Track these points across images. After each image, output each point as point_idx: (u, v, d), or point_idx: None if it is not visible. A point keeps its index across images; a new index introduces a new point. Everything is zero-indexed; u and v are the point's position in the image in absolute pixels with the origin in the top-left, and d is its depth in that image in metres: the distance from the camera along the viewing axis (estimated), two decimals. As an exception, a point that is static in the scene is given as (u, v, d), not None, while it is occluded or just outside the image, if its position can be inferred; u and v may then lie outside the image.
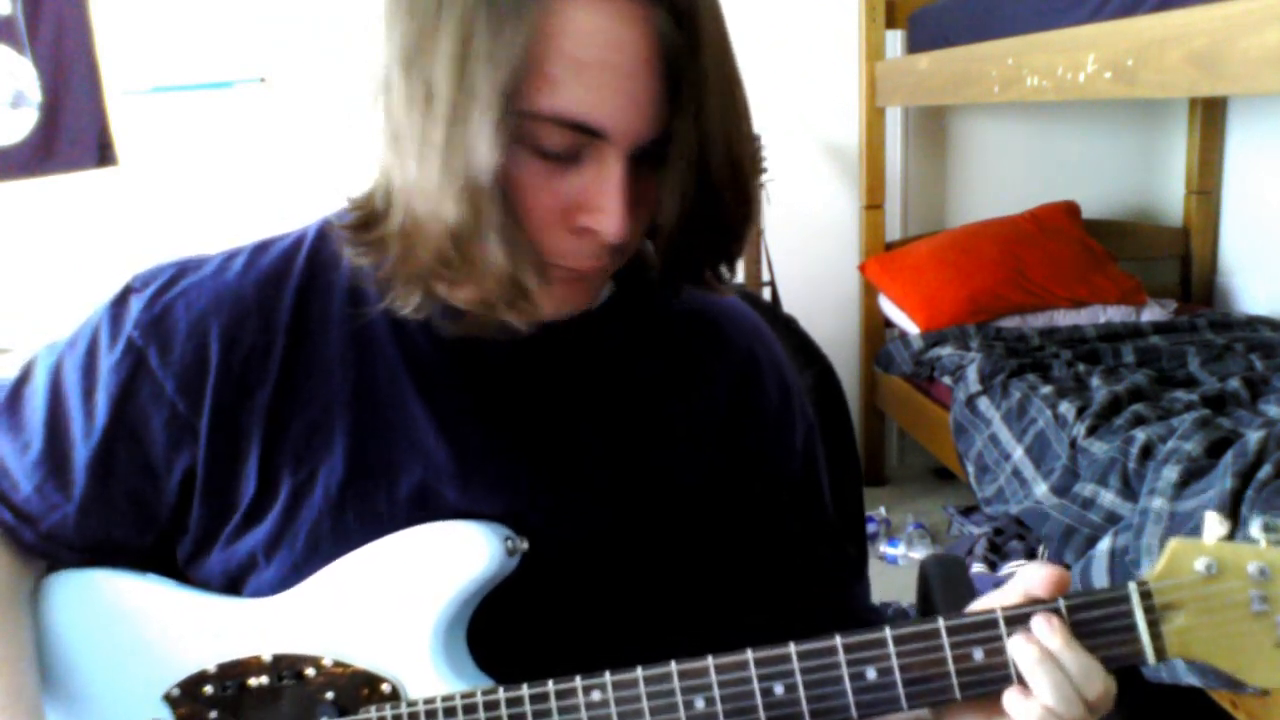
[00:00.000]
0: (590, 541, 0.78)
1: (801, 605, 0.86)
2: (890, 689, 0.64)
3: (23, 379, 0.81)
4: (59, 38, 2.89)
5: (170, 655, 0.76)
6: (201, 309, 0.76)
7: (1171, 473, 1.83)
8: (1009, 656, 0.63)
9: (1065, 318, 3.05)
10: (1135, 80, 1.84)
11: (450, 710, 0.70)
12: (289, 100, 3.03)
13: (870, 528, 3.01)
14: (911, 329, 3.09)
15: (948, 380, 2.75)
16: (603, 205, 0.66)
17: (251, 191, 2.98)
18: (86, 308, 0.84)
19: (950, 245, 3.17)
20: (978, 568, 2.44)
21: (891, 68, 3.18)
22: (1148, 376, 2.41)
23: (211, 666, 0.75)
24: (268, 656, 0.74)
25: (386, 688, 0.73)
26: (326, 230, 0.79)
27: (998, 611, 0.64)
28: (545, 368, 0.79)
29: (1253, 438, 1.78)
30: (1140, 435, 1.99)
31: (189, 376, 0.75)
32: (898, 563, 2.88)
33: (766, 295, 3.07)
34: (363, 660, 0.73)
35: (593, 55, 0.62)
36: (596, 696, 0.67)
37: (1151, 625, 0.61)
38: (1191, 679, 1.61)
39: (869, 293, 3.37)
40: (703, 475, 0.82)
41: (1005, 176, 3.44)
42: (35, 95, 2.90)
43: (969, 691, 0.64)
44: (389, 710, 0.72)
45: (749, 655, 0.66)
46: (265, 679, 0.74)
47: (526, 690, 0.69)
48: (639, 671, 0.67)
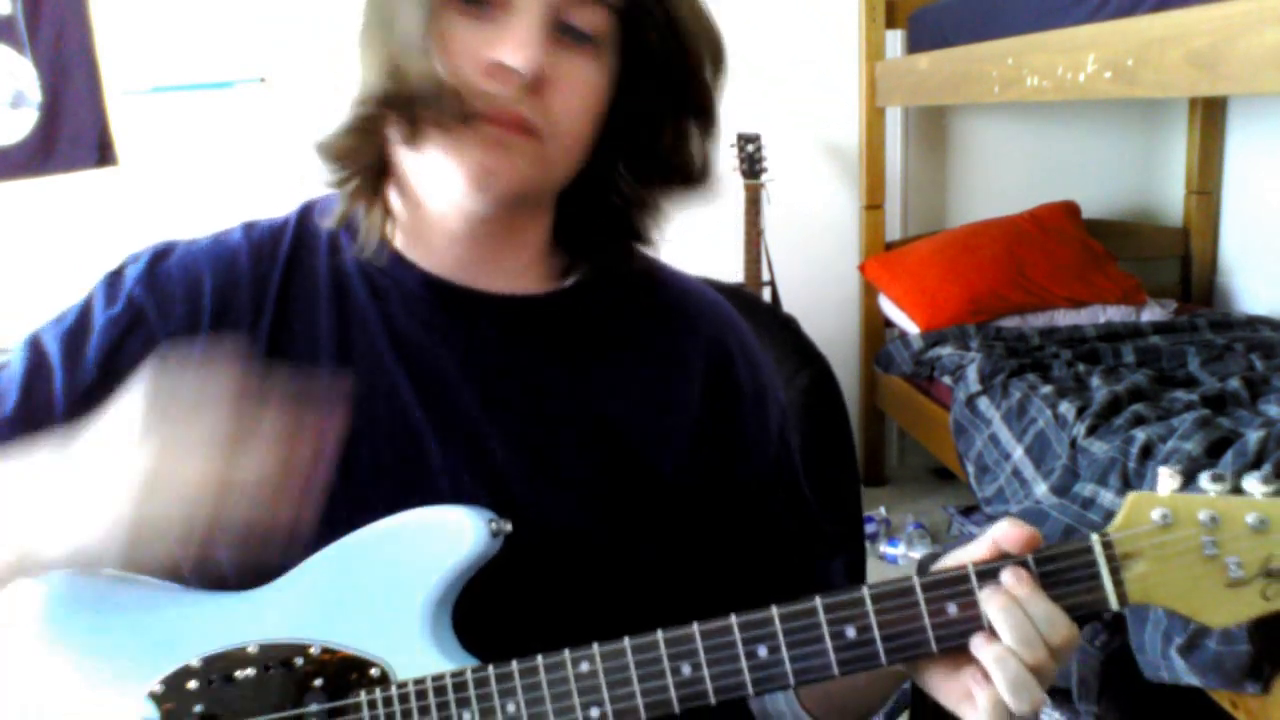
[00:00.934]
0: (567, 522, 0.79)
1: (779, 585, 0.86)
2: (870, 645, 0.66)
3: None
4: (59, 38, 2.89)
5: (152, 651, 0.76)
6: (198, 272, 0.81)
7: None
8: (980, 610, 0.66)
9: (1065, 318, 3.05)
10: (1135, 80, 1.84)
11: (440, 689, 0.71)
12: (289, 100, 3.03)
13: (870, 528, 3.01)
14: (911, 329, 3.10)
15: (948, 380, 2.75)
16: (509, 35, 0.70)
17: (251, 191, 2.98)
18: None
19: (950, 245, 3.17)
20: (978, 568, 2.43)
21: (891, 68, 3.18)
22: (1148, 376, 2.41)
23: (196, 661, 0.75)
24: (253, 647, 0.74)
25: (375, 672, 0.73)
26: (309, 208, 0.85)
27: (970, 566, 0.67)
28: (521, 350, 0.81)
29: (1253, 438, 1.79)
30: (1140, 435, 1.99)
31: (184, 333, 0.78)
32: (898, 563, 2.88)
33: (766, 295, 3.07)
34: (350, 646, 0.74)
35: None
36: (585, 668, 0.69)
37: (1114, 573, 0.65)
38: (1191, 679, 1.61)
39: (869, 293, 3.37)
40: (680, 459, 0.83)
41: (1005, 176, 3.44)
42: (35, 95, 2.90)
43: (944, 644, 0.66)
44: (379, 693, 0.72)
45: (733, 620, 0.68)
46: (252, 670, 0.74)
47: (515, 665, 0.70)
48: (626, 641, 0.69)
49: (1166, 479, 0.66)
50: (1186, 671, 1.60)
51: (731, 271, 2.95)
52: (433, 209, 0.78)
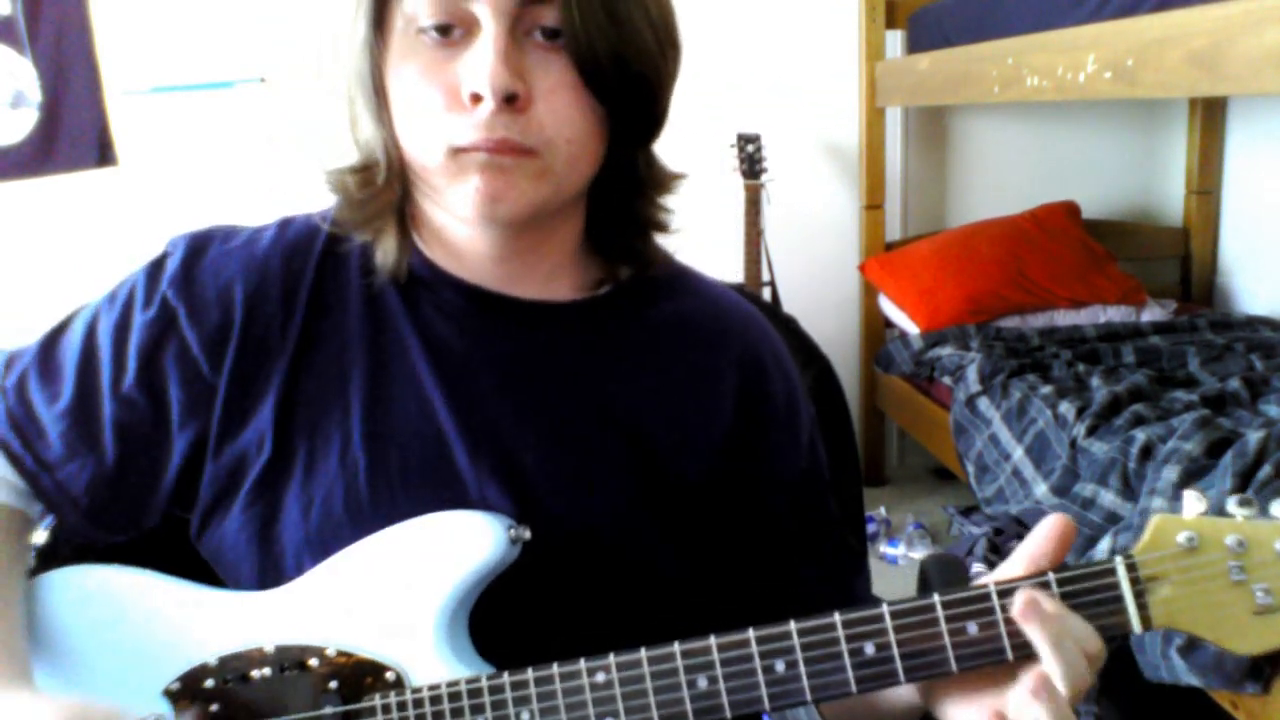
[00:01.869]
0: (593, 530, 0.79)
1: (803, 598, 0.86)
2: (889, 663, 0.65)
3: (59, 330, 0.84)
4: (59, 38, 2.89)
5: (169, 650, 0.76)
6: (229, 276, 0.81)
7: (1171, 473, 1.83)
8: (1001, 631, 0.64)
9: (1065, 318, 3.05)
10: (1135, 80, 1.84)
11: (455, 695, 0.71)
12: (289, 100, 3.03)
13: (870, 528, 3.01)
14: (911, 329, 3.09)
15: (948, 380, 2.75)
16: (477, 63, 0.69)
17: (251, 191, 2.98)
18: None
19: (950, 245, 3.17)
20: (978, 568, 2.43)
21: (891, 68, 3.18)
22: (1148, 376, 2.41)
23: (212, 660, 0.75)
24: (270, 648, 0.75)
25: (390, 676, 0.73)
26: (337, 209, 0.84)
27: (991, 586, 0.65)
28: (553, 356, 0.81)
29: (1253, 438, 1.79)
30: (1140, 435, 1.99)
31: (214, 337, 0.79)
32: (898, 563, 2.88)
33: (766, 295, 3.07)
34: (366, 649, 0.74)
35: None
36: (601, 678, 0.68)
37: (1138, 596, 0.64)
38: (1191, 679, 1.61)
39: (869, 293, 3.37)
40: (709, 469, 0.82)
41: (1005, 176, 3.44)
42: (35, 95, 2.90)
43: (965, 664, 0.65)
44: (394, 697, 0.72)
45: (750, 634, 0.67)
46: (267, 670, 0.74)
47: (531, 674, 0.69)
48: (642, 652, 0.68)
49: (1193, 501, 0.64)
50: (1186, 671, 1.60)
51: (731, 271, 2.95)
52: (457, 229, 0.79)
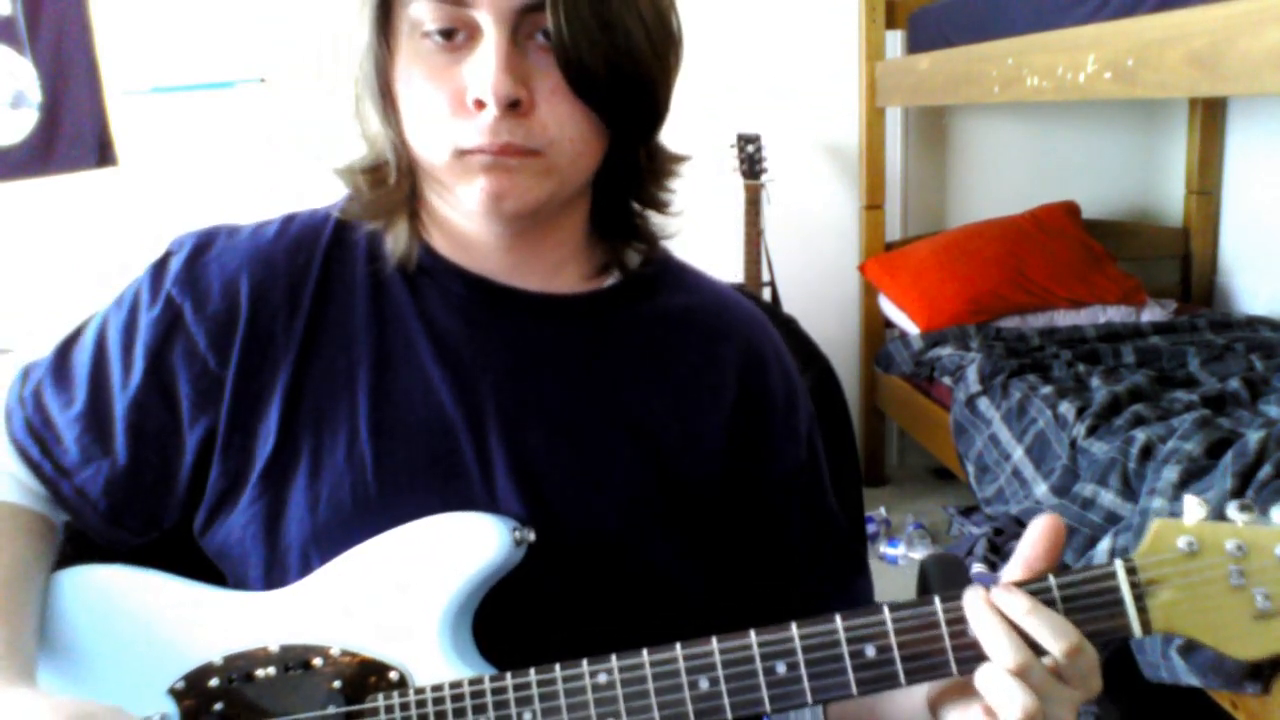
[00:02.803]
0: (599, 526, 0.79)
1: (804, 596, 0.86)
2: (889, 665, 0.66)
3: (73, 337, 0.85)
4: (59, 38, 2.89)
5: (175, 648, 0.76)
6: (234, 269, 0.81)
7: (1171, 473, 1.83)
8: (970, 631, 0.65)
9: (1065, 318, 3.05)
10: (1135, 80, 1.84)
11: (458, 697, 0.71)
12: (289, 100, 3.03)
13: (870, 528, 3.01)
14: (911, 329, 3.10)
15: (948, 380, 2.75)
16: (480, 69, 0.70)
17: (252, 191, 2.99)
18: (89, 306, 0.85)
19: (950, 245, 3.17)
20: (978, 568, 2.43)
21: (891, 68, 3.18)
22: (1148, 377, 2.41)
23: (217, 659, 0.75)
24: (274, 647, 0.75)
25: (394, 676, 0.73)
26: (347, 197, 0.84)
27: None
28: (559, 349, 0.81)
29: (1253, 438, 1.79)
30: (1140, 435, 1.99)
31: (220, 331, 0.79)
32: (898, 563, 2.88)
33: (766, 295, 3.07)
34: (370, 649, 0.74)
35: None
36: (603, 679, 0.68)
37: (1137, 600, 0.64)
38: (1191, 679, 1.61)
39: (869, 293, 3.37)
40: (711, 465, 0.83)
41: (1005, 176, 3.44)
42: (35, 95, 2.90)
43: (965, 666, 0.66)
44: (397, 697, 0.72)
45: (751, 636, 0.67)
46: (272, 670, 0.75)
47: (534, 675, 0.70)
48: (644, 654, 0.68)
49: (1194, 507, 0.65)
50: (1186, 672, 1.60)
51: (731, 271, 2.95)
52: (463, 221, 0.80)
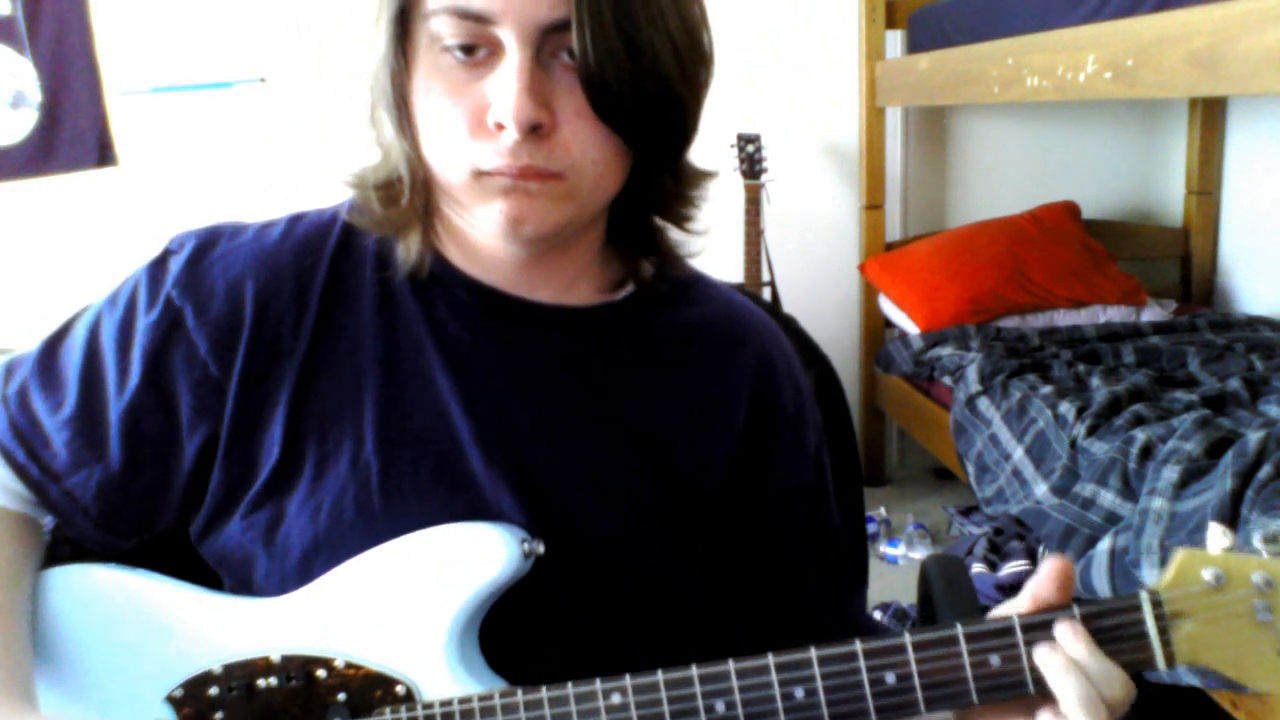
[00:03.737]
0: (607, 539, 0.78)
1: (802, 610, 0.86)
2: (909, 693, 0.65)
3: (59, 335, 0.82)
4: (59, 38, 2.89)
5: (174, 654, 0.75)
6: (238, 272, 0.78)
7: (1171, 473, 1.83)
8: (1024, 664, 0.64)
9: (1065, 318, 3.05)
10: (1135, 80, 1.84)
11: (468, 712, 0.69)
12: (289, 100, 3.03)
13: (870, 528, 3.01)
14: (911, 329, 3.09)
15: (948, 380, 2.75)
16: (501, 90, 0.68)
17: (251, 191, 2.98)
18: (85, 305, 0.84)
19: (950, 245, 3.17)
20: (978, 568, 2.43)
21: (891, 68, 3.18)
22: (1148, 376, 2.41)
23: (217, 667, 0.74)
24: (276, 657, 0.74)
25: (401, 689, 0.72)
26: (356, 204, 0.82)
27: (1014, 618, 0.65)
28: (570, 361, 0.80)
29: (1253, 438, 1.78)
30: (1140, 435, 1.99)
31: (222, 337, 0.77)
32: (898, 563, 2.88)
33: (766, 295, 3.07)
34: (376, 661, 0.73)
35: None
36: (616, 699, 0.67)
37: (1162, 632, 0.63)
38: (1192, 679, 1.61)
39: (869, 293, 3.37)
40: (720, 479, 0.82)
41: (1005, 176, 3.44)
42: (35, 95, 2.90)
43: (986, 696, 0.65)
44: (404, 712, 0.71)
45: (769, 660, 0.66)
46: (274, 680, 0.73)
47: (545, 693, 0.68)
48: (659, 675, 0.67)
49: (1219, 536, 0.64)
50: (1187, 672, 1.60)
51: (731, 271, 2.95)
52: (478, 237, 0.78)
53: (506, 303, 0.79)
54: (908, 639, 0.65)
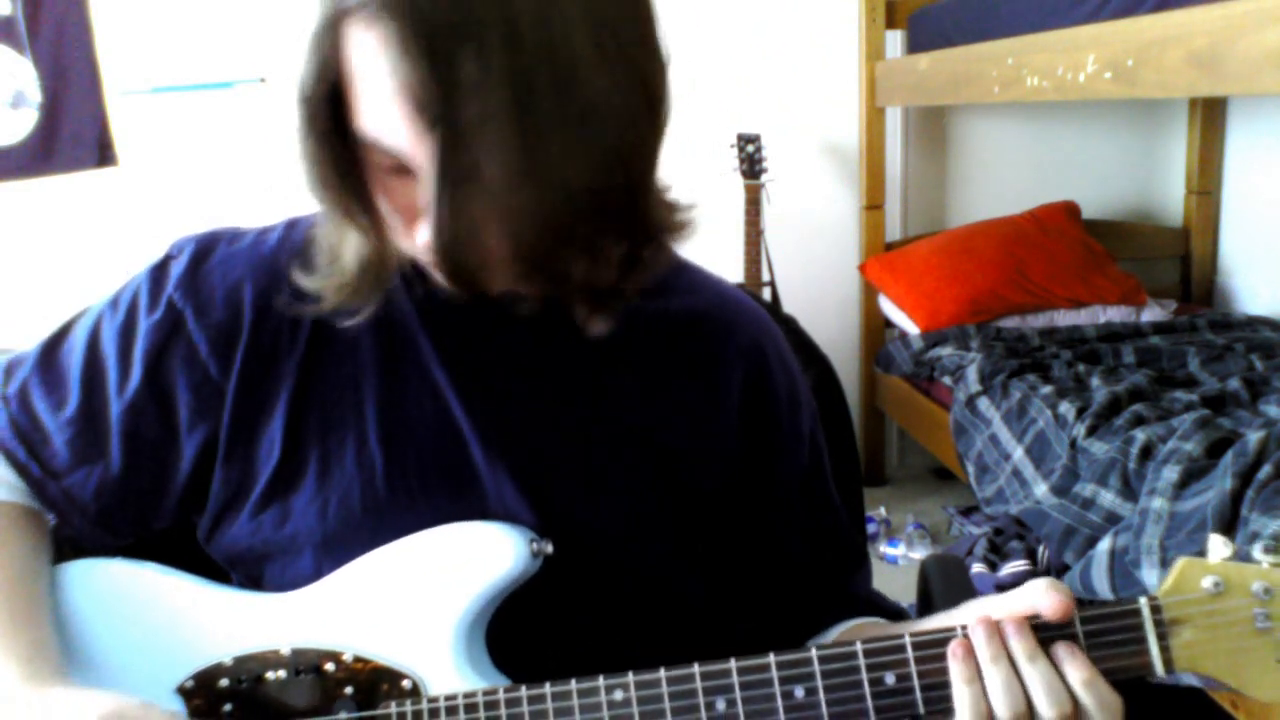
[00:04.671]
0: (609, 532, 0.79)
1: (807, 591, 0.86)
2: (909, 694, 0.66)
3: (59, 336, 0.83)
4: (59, 38, 2.89)
5: (185, 647, 0.76)
6: (238, 277, 0.79)
7: (1171, 473, 1.83)
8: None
9: (1065, 318, 3.05)
10: (1135, 80, 1.84)
11: (472, 706, 0.71)
12: (289, 100, 3.02)
13: (870, 528, 3.01)
14: (911, 329, 3.09)
15: (948, 380, 2.75)
16: (424, 206, 0.65)
17: (251, 192, 2.98)
18: (86, 306, 0.85)
19: (950, 245, 3.17)
20: (978, 568, 2.44)
21: (891, 68, 3.18)
22: (1148, 377, 2.41)
23: (228, 659, 0.75)
24: (286, 650, 0.75)
25: (407, 684, 0.73)
26: None
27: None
28: (564, 353, 0.80)
29: (1253, 438, 1.78)
30: (1140, 435, 1.99)
31: (222, 340, 0.78)
32: (898, 563, 2.88)
33: (766, 295, 3.07)
34: (384, 656, 0.74)
35: (366, 80, 0.63)
36: (619, 696, 0.68)
37: (1161, 639, 0.64)
38: (1191, 679, 1.61)
39: (869, 293, 3.37)
40: (718, 468, 0.82)
41: (1005, 176, 3.44)
42: (35, 95, 2.90)
43: None
44: (409, 706, 0.72)
45: (771, 658, 0.67)
46: (283, 672, 0.74)
47: (549, 688, 0.69)
48: (661, 672, 0.68)
49: (1219, 546, 0.64)
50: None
51: (731, 271, 2.95)
52: None
53: (495, 298, 0.78)
54: (908, 640, 0.66)
